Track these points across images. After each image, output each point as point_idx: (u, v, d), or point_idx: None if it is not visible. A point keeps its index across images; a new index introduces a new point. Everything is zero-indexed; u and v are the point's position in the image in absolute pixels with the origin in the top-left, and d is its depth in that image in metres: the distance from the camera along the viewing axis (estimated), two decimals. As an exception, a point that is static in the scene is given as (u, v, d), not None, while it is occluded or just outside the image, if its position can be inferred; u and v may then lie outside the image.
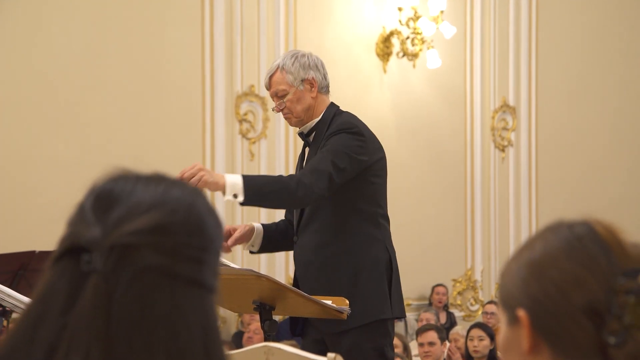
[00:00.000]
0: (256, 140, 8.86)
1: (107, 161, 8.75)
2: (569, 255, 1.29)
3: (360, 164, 3.90)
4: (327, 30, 9.26)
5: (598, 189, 10.88)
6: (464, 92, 10.12)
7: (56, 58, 7.99)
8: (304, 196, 3.76)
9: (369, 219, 3.98)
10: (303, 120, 4.08)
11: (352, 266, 3.92)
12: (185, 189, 1.26)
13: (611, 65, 11.04)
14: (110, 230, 1.18)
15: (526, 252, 1.34)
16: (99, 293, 1.15)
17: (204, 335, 1.20)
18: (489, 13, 10.25)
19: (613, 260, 1.28)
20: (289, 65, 4.05)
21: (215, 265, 1.24)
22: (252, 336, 7.73)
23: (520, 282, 1.31)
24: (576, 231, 1.34)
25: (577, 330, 1.25)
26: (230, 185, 3.73)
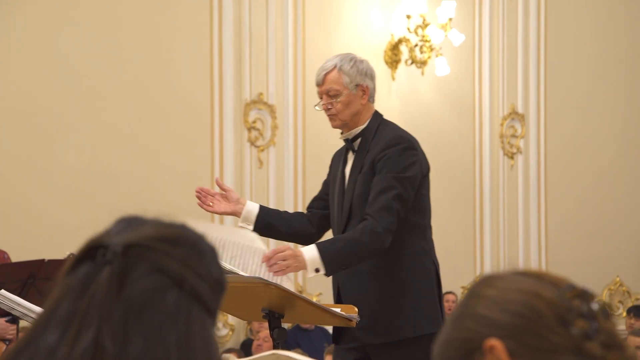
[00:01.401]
0: (265, 148, 8.87)
1: (117, 168, 8.82)
2: (518, 285, 1.35)
3: (415, 183, 3.92)
4: (336, 37, 9.26)
5: (607, 195, 10.85)
6: (472, 100, 10.11)
7: (65, 67, 8.00)
8: (379, 245, 3.78)
9: (418, 231, 3.99)
10: (348, 125, 4.09)
11: (402, 277, 3.91)
12: (197, 231, 1.34)
13: (620, 72, 11.02)
14: (130, 233, 1.25)
15: (471, 304, 1.37)
16: (112, 279, 1.21)
17: (207, 345, 1.25)
18: (497, 20, 10.25)
19: (552, 281, 1.36)
20: (347, 67, 4.07)
21: (217, 299, 1.29)
22: (262, 344, 7.73)
23: (478, 323, 1.33)
24: (509, 274, 1.39)
25: (556, 338, 1.30)
26: (310, 261, 3.73)
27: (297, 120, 9.01)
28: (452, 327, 1.38)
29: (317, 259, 3.72)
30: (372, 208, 3.82)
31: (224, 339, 8.72)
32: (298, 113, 9.01)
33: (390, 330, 3.83)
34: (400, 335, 3.84)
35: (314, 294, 8.80)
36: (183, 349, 1.21)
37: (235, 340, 8.76)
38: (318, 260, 3.72)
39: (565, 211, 10.58)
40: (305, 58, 9.04)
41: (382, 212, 3.79)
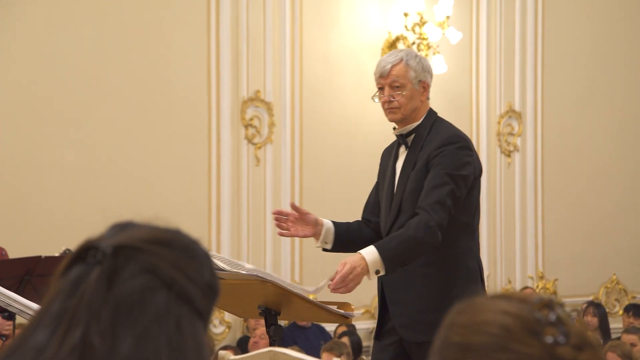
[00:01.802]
0: (262, 146, 8.87)
1: (114, 166, 8.82)
2: (488, 307, 1.39)
3: (468, 182, 3.93)
4: (333, 35, 9.26)
5: (604, 194, 10.86)
6: (469, 98, 10.12)
7: (63, 64, 8.00)
8: (433, 240, 3.78)
9: (467, 231, 3.99)
10: (406, 120, 4.09)
11: (447, 277, 3.90)
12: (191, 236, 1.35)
13: (617, 70, 11.02)
14: (121, 235, 1.26)
15: (446, 334, 1.42)
16: (101, 280, 1.21)
17: (198, 347, 1.26)
18: (494, 18, 10.25)
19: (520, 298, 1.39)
20: (413, 62, 4.08)
21: (208, 303, 1.30)
22: (258, 341, 7.73)
23: (453, 350, 1.38)
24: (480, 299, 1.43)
25: (528, 349, 1.33)
26: (372, 264, 3.74)
27: (294, 118, 9.01)
28: (437, 358, 1.42)
29: (378, 260, 3.72)
30: (426, 202, 3.82)
31: (220, 336, 8.72)
32: (295, 110, 9.01)
33: (431, 329, 3.82)
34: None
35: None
36: (174, 351, 1.21)
37: (231, 338, 8.77)
38: (379, 262, 3.73)
39: (562, 209, 10.59)
40: (302, 56, 9.04)
41: (435, 207, 3.79)
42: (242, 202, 8.73)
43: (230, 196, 8.69)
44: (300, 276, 9.01)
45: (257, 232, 8.79)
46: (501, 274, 10.32)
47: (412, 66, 4.06)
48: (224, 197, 8.67)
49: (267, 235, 8.83)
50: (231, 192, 8.70)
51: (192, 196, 8.49)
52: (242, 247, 8.73)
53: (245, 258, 8.70)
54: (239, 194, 8.73)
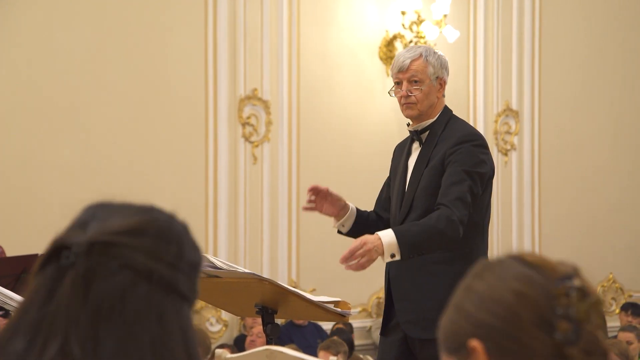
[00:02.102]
0: (259, 144, 8.87)
1: (111, 164, 8.83)
2: (507, 279, 1.35)
3: (484, 180, 3.93)
4: (330, 34, 9.26)
5: (601, 193, 10.87)
6: (467, 96, 10.12)
7: (60, 62, 8.00)
8: (454, 234, 3.77)
9: (478, 230, 3.99)
10: (422, 116, 4.08)
11: (455, 276, 3.87)
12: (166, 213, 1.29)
13: (615, 69, 11.03)
14: (91, 230, 1.22)
15: (463, 295, 1.40)
16: (76, 284, 1.18)
17: (184, 338, 1.22)
18: (492, 17, 10.25)
19: (545, 274, 1.35)
20: (432, 58, 4.08)
21: (192, 282, 1.26)
22: (255, 339, 7.73)
23: (465, 319, 1.35)
24: (506, 262, 1.40)
25: (534, 342, 1.30)
26: (387, 247, 3.71)
27: (291, 116, 9.01)
28: (448, 316, 1.40)
29: (394, 244, 3.70)
30: (447, 198, 3.81)
31: (217, 334, 8.72)
32: (292, 109, 9.01)
33: (434, 327, 3.81)
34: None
35: (308, 290, 8.81)
36: (157, 346, 1.19)
37: (228, 336, 8.77)
38: (395, 246, 3.70)
39: (558, 208, 10.60)
40: (300, 54, 9.03)
41: (457, 202, 3.78)
42: (239, 201, 8.73)
43: (227, 194, 8.69)
44: (297, 274, 9.01)
45: (254, 230, 8.79)
46: (498, 273, 10.32)
47: (431, 62, 4.06)
48: (221, 195, 8.67)
49: (265, 233, 8.83)
50: (228, 190, 8.69)
51: (190, 194, 8.49)
52: (239, 245, 8.73)
53: (243, 256, 8.71)
54: (236, 192, 8.73)
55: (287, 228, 8.94)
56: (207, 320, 8.70)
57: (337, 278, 8.64)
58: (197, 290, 1.27)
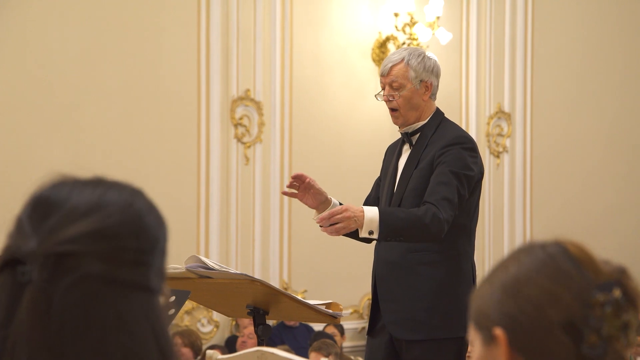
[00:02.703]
0: (251, 145, 8.86)
1: (103, 165, 8.82)
2: (543, 273, 1.31)
3: (472, 183, 3.92)
4: (323, 35, 9.26)
5: (593, 196, 10.88)
6: (459, 98, 10.13)
7: (51, 62, 7.98)
8: (437, 231, 3.75)
9: (463, 233, 3.97)
10: (408, 121, 4.07)
11: (439, 278, 3.89)
12: (123, 191, 1.23)
13: (607, 72, 11.05)
14: (44, 240, 1.15)
15: (499, 274, 1.35)
16: (36, 303, 1.12)
17: (156, 338, 1.17)
18: (485, 19, 10.26)
19: (586, 276, 1.30)
20: (414, 62, 4.06)
21: (160, 267, 1.21)
22: (246, 340, 7.73)
23: (495, 302, 1.32)
24: (549, 250, 1.34)
25: (555, 345, 1.26)
26: (368, 222, 3.70)
27: (284, 117, 9.00)
28: (481, 291, 1.36)
29: (376, 221, 3.70)
30: (433, 197, 3.80)
31: (208, 335, 8.71)
32: (285, 110, 9.01)
33: (422, 328, 3.82)
34: (432, 334, 3.82)
35: (299, 291, 8.81)
36: (128, 354, 1.14)
37: (220, 337, 8.76)
38: (376, 224, 3.70)
39: (551, 211, 10.61)
40: (292, 55, 9.03)
41: (443, 202, 3.78)
42: (231, 201, 8.73)
43: (219, 195, 8.68)
44: (289, 275, 9.01)
45: (246, 231, 8.78)
46: (489, 275, 10.33)
47: (413, 66, 4.04)
48: (213, 196, 8.66)
49: (256, 234, 8.83)
50: (220, 191, 8.69)
51: (181, 195, 8.48)
52: (230, 246, 8.72)
53: (234, 257, 8.70)
54: (228, 193, 8.72)
55: (278, 229, 8.94)
56: (198, 321, 8.69)
57: (329, 279, 8.64)
58: (165, 272, 1.22)
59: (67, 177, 1.26)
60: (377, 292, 4.01)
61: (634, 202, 11.12)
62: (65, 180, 1.25)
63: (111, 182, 1.25)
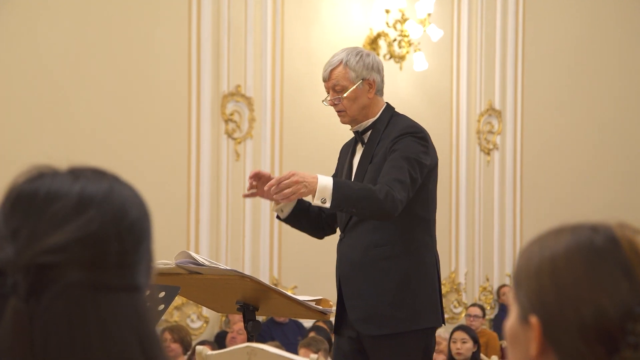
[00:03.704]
0: (242, 140, 8.86)
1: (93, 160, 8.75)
2: (590, 274, 1.25)
3: (424, 169, 3.90)
4: (314, 31, 9.26)
5: (583, 193, 10.91)
6: (450, 95, 10.14)
7: (43, 56, 7.96)
8: (390, 209, 3.72)
9: (422, 224, 3.96)
10: (357, 120, 4.05)
11: (403, 271, 3.88)
12: (101, 182, 1.20)
13: (598, 69, 11.07)
14: (24, 249, 1.12)
15: (548, 250, 1.31)
16: (18, 316, 1.10)
17: (141, 341, 1.14)
18: (476, 16, 10.27)
19: (634, 284, 1.23)
20: (353, 62, 4.04)
21: (146, 260, 1.18)
22: (236, 336, 7.72)
23: (537, 285, 1.28)
24: (599, 245, 1.27)
25: (588, 351, 1.23)
26: (321, 189, 3.69)
27: (274, 113, 9.00)
28: (529, 251, 1.31)
29: (329, 189, 3.68)
30: (385, 178, 3.79)
31: (197, 331, 8.71)
32: (276, 106, 9.00)
33: (388, 323, 3.82)
34: (398, 328, 3.82)
35: (289, 287, 8.81)
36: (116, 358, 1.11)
37: (209, 333, 8.75)
38: (329, 191, 3.68)
39: (540, 208, 10.63)
40: (283, 51, 9.03)
41: (395, 184, 3.76)
42: (221, 197, 8.72)
43: (209, 191, 8.67)
44: (279, 271, 9.01)
45: (236, 226, 8.78)
46: (479, 272, 10.35)
47: (352, 66, 4.03)
48: (204, 192, 8.65)
49: (246, 230, 8.82)
50: (211, 186, 8.68)
51: (172, 190, 8.47)
52: (220, 242, 8.72)
53: (224, 252, 8.69)
54: (218, 188, 8.72)
55: (269, 225, 8.94)
56: (188, 317, 8.69)
57: (319, 275, 8.65)
58: (152, 262, 1.19)
59: (43, 170, 1.24)
60: (341, 291, 4.01)
61: (624, 199, 11.14)
62: (41, 174, 1.22)
63: (88, 172, 1.24)
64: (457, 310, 10.26)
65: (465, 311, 9.81)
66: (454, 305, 10.25)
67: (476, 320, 8.91)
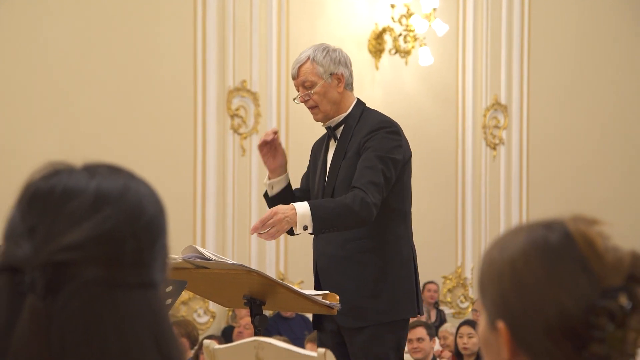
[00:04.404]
0: (247, 136, 8.86)
1: (99, 155, 8.74)
2: (548, 273, 1.25)
3: (398, 166, 3.94)
4: (319, 26, 9.25)
5: (589, 187, 10.90)
6: (455, 90, 10.13)
7: (47, 52, 7.97)
8: (367, 216, 3.80)
9: (398, 217, 4.01)
10: (329, 115, 4.11)
11: (380, 263, 3.93)
12: (117, 181, 1.21)
13: (604, 64, 11.05)
14: (41, 247, 1.12)
15: (507, 252, 1.30)
16: (36, 315, 1.10)
17: (156, 338, 1.15)
18: (481, 11, 10.26)
19: (592, 278, 1.24)
20: (320, 57, 4.08)
21: (162, 257, 1.19)
22: (243, 331, 7.73)
23: (500, 290, 1.28)
24: (554, 242, 1.28)
25: (557, 350, 1.23)
26: (300, 218, 3.75)
27: (280, 108, 9.00)
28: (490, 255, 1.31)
29: (308, 216, 3.74)
30: (360, 181, 3.85)
31: (204, 325, 8.72)
32: (281, 101, 9.00)
33: (366, 315, 3.87)
34: (376, 319, 3.87)
35: (296, 282, 8.82)
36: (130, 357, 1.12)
37: (216, 327, 8.77)
38: (308, 218, 3.74)
39: (546, 202, 10.62)
40: (289, 46, 9.03)
41: (369, 186, 3.81)
42: (227, 192, 8.73)
43: (215, 186, 8.68)
44: (285, 267, 9.02)
45: (243, 222, 8.78)
46: (485, 266, 10.34)
47: (319, 61, 4.06)
48: (210, 187, 8.66)
49: (253, 224, 8.82)
50: (216, 182, 8.69)
51: (178, 186, 8.48)
52: (227, 237, 8.73)
53: (231, 248, 8.70)
54: (224, 184, 8.72)
55: (275, 220, 8.93)
56: (194, 312, 8.70)
57: (325, 270, 8.61)
58: (167, 259, 1.20)
59: (59, 167, 1.24)
60: (320, 285, 4.04)
61: (629, 194, 11.14)
62: (57, 171, 1.22)
63: (104, 168, 1.25)
64: (463, 305, 10.26)
65: (471, 306, 9.81)
66: (461, 300, 10.25)
67: (482, 314, 8.91)
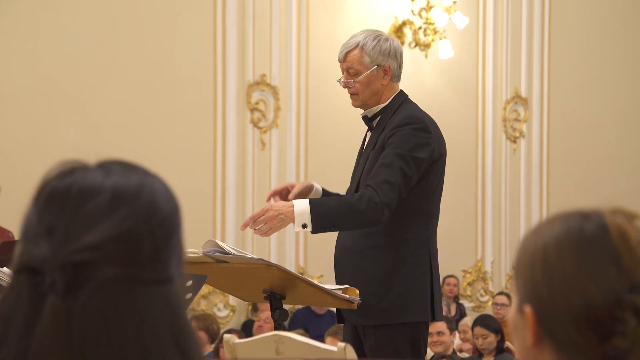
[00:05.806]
0: (267, 130, 8.86)
1: (118, 150, 8.81)
2: (578, 263, 1.25)
3: (421, 164, 3.82)
4: (339, 19, 9.24)
5: (609, 180, 10.85)
6: (476, 83, 10.10)
7: (67, 48, 7.99)
8: (375, 215, 3.68)
9: (419, 217, 3.89)
10: (368, 104, 4.00)
11: (390, 261, 3.82)
12: (132, 179, 1.21)
13: (624, 57, 11.00)
14: (60, 248, 1.14)
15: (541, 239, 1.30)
16: (57, 315, 1.11)
17: (174, 333, 1.16)
18: (501, 4, 10.22)
19: (622, 272, 1.23)
20: (370, 46, 3.98)
21: (178, 253, 1.20)
22: (263, 325, 7.74)
23: (531, 275, 1.29)
24: (588, 232, 1.27)
25: (579, 338, 1.23)
26: (299, 215, 3.65)
27: (299, 102, 9.00)
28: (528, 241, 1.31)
29: (307, 213, 3.65)
30: (374, 180, 3.74)
31: (224, 319, 8.74)
32: (301, 95, 9.00)
33: (371, 313, 3.79)
34: (382, 319, 3.78)
35: (315, 276, 8.82)
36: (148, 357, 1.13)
37: (236, 321, 8.78)
38: (307, 216, 3.65)
39: (567, 195, 10.58)
40: (308, 40, 9.02)
41: (383, 185, 3.71)
42: (247, 186, 8.74)
43: (235, 180, 8.69)
44: (305, 261, 9.02)
45: (262, 216, 8.78)
46: (506, 260, 10.32)
47: (368, 51, 3.97)
48: (229, 181, 8.67)
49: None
50: (236, 176, 8.70)
51: (198, 180, 8.50)
52: (247, 231, 8.73)
53: (250, 242, 8.71)
54: (244, 178, 8.73)
55: (295, 214, 8.94)
56: (214, 306, 8.72)
57: (345, 264, 8.61)
58: (183, 254, 1.21)
59: (74, 165, 1.25)
60: (335, 277, 3.99)
61: (651, 187, 11.08)
62: (72, 169, 1.23)
63: (118, 166, 1.24)
64: (483, 298, 10.24)
65: (492, 299, 9.78)
66: (481, 294, 10.23)
67: (503, 308, 8.89)
